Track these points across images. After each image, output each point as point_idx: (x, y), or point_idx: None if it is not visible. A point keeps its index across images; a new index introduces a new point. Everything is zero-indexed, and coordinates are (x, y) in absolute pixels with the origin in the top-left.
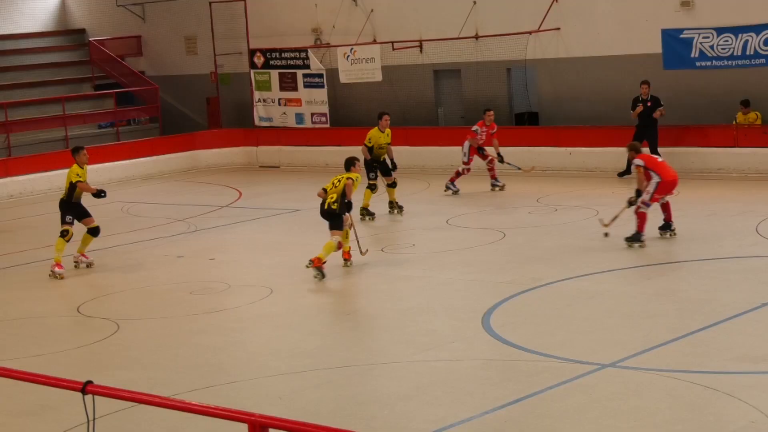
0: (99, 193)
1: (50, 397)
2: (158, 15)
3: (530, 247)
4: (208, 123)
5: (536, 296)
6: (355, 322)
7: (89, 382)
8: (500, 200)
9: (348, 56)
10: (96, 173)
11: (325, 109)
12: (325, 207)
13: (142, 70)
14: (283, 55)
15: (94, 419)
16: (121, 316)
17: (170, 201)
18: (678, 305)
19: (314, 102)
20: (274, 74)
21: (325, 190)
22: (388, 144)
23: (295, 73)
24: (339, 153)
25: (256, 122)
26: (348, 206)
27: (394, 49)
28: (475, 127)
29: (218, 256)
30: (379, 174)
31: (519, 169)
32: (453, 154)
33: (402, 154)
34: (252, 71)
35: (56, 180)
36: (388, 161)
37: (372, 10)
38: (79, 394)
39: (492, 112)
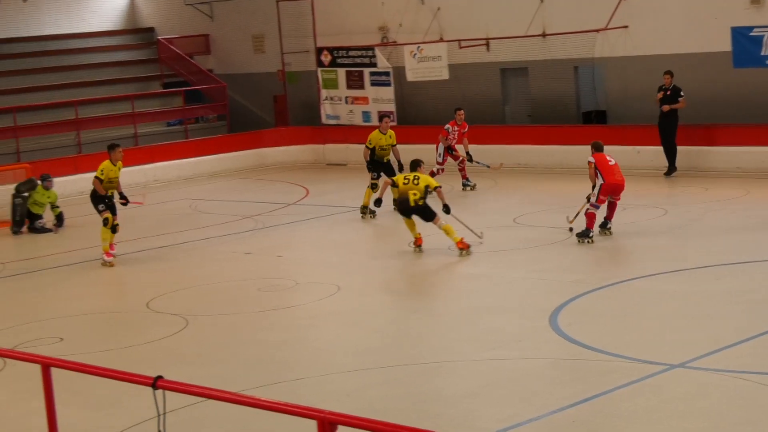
0: (103, 198)
1: (120, 391)
2: (226, 13)
3: (598, 246)
4: (275, 121)
5: (604, 295)
6: (422, 320)
7: (159, 377)
8: (564, 199)
9: (415, 54)
10: (164, 170)
11: (392, 107)
12: (412, 204)
13: (210, 68)
14: (350, 53)
15: (164, 413)
16: (189, 312)
17: (238, 198)
18: (747, 306)
19: (381, 100)
20: (341, 72)
21: (393, 182)
22: (393, 146)
23: (362, 71)
24: (405, 151)
25: (323, 120)
26: (446, 209)
27: (460, 47)
28: (447, 126)
29: (286, 253)
30: (382, 174)
31: (488, 166)
32: (520, 153)
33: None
34: (319, 69)
35: (125, 177)
36: (394, 162)
37: (439, 8)
38: (149, 389)
39: (462, 111)
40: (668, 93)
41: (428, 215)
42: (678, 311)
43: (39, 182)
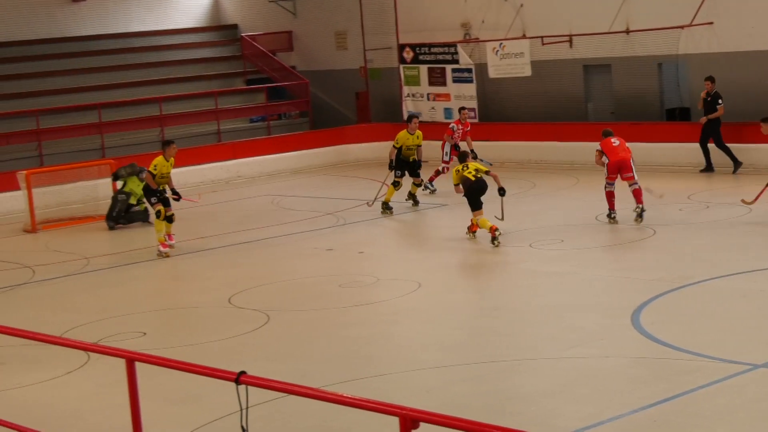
0: (155, 192)
1: (202, 385)
2: (309, 10)
3: (681, 244)
4: (357, 117)
5: (687, 294)
6: (503, 318)
7: (243, 373)
8: (647, 197)
9: (497, 51)
10: (247, 167)
11: (474, 104)
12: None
13: (293, 65)
14: (432, 50)
15: (247, 408)
16: (271, 307)
17: (319, 194)
18: None
19: (463, 97)
20: (423, 69)
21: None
22: (419, 146)
23: (444, 68)
24: (487, 148)
25: (405, 117)
26: (502, 191)
27: (543, 44)
28: (452, 125)
29: (367, 249)
30: (407, 173)
31: (491, 165)
32: None
33: (550, 149)
34: (401, 66)
35: (208, 173)
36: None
37: (522, 5)
38: (231, 384)
39: (467, 111)
40: (708, 99)
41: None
42: (762, 310)
43: (138, 172)
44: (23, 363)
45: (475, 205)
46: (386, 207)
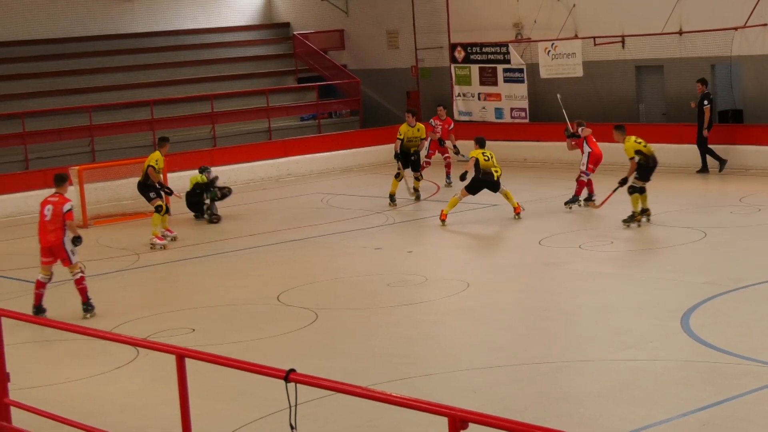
0: (154, 187)
1: (250, 382)
2: (361, 9)
3: (732, 247)
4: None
5: (738, 298)
6: (552, 319)
7: (292, 371)
8: (701, 199)
9: (549, 51)
10: (297, 165)
11: (525, 104)
12: (495, 179)
13: (344, 63)
14: (483, 49)
15: (296, 406)
16: (319, 305)
17: (369, 193)
18: None
19: (514, 97)
20: (475, 69)
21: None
22: (423, 138)
23: (496, 67)
24: (538, 148)
25: (456, 116)
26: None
27: (595, 45)
28: (431, 121)
29: (415, 248)
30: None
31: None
32: (655, 151)
33: (603, 150)
34: (452, 65)
35: (259, 170)
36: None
37: (574, 5)
38: (278, 381)
39: (443, 108)
40: (698, 102)
41: (497, 187)
42: None
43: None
44: (73, 357)
45: (473, 192)
46: (391, 199)
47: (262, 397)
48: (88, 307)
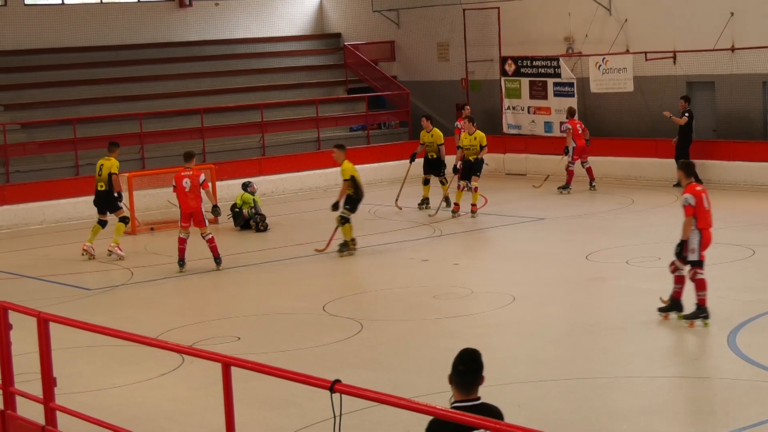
0: (120, 196)
1: (294, 392)
2: (412, 21)
3: None
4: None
5: None
6: (598, 334)
7: (337, 381)
8: (748, 217)
9: (600, 66)
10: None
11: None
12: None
13: (394, 74)
14: (534, 63)
15: (340, 416)
16: (365, 316)
17: (417, 205)
18: None
19: (564, 111)
20: (525, 82)
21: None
22: (440, 145)
23: (546, 81)
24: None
25: (505, 129)
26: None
27: (647, 60)
28: (456, 123)
29: (462, 261)
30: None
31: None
32: (703, 168)
33: (652, 166)
34: (502, 78)
35: (308, 180)
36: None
37: (626, 20)
38: (323, 391)
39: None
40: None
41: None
42: None
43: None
44: (119, 363)
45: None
46: (424, 203)
47: (306, 407)
48: (218, 260)
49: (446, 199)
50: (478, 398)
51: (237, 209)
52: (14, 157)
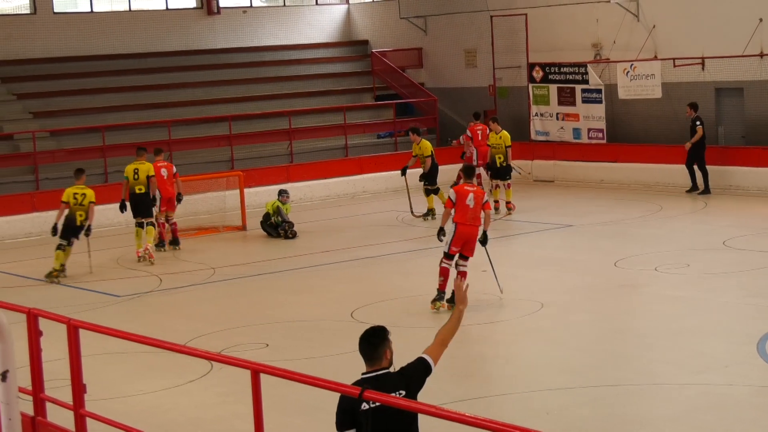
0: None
1: (322, 398)
2: (440, 28)
3: None
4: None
5: None
6: (626, 341)
7: (366, 388)
8: None
9: (628, 72)
10: (373, 182)
11: (603, 124)
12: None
13: (421, 81)
14: (562, 69)
15: (367, 423)
16: (392, 323)
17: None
18: None
19: (592, 117)
20: (553, 88)
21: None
22: (426, 156)
23: (574, 87)
24: (615, 169)
25: (533, 136)
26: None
27: (675, 66)
28: (467, 132)
29: (490, 268)
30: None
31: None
32: (732, 174)
33: (680, 172)
34: (530, 85)
35: (335, 187)
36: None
37: (654, 26)
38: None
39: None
40: (690, 125)
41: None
42: None
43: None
44: (148, 370)
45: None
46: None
47: (333, 413)
48: (177, 241)
49: (430, 211)
50: (385, 368)
51: (271, 219)
52: (43, 164)
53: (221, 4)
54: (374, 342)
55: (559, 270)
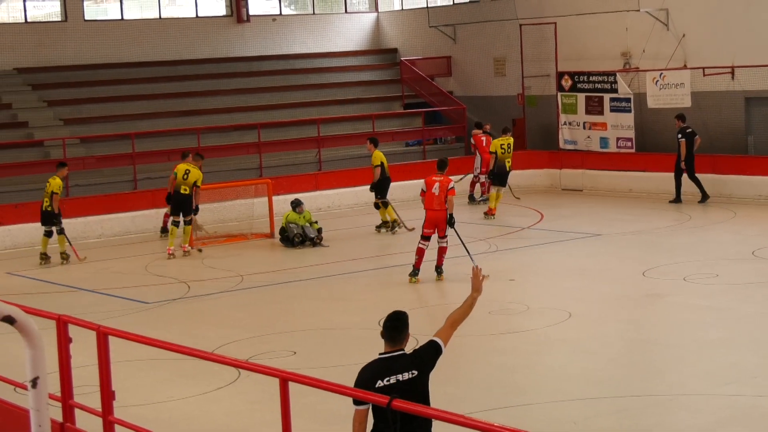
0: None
1: (350, 406)
2: (469, 37)
3: None
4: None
5: None
6: (654, 352)
7: (395, 397)
8: None
9: (657, 81)
10: (402, 190)
11: (631, 134)
12: (508, 170)
13: (450, 90)
14: (590, 78)
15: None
16: (420, 332)
17: (471, 220)
18: None
19: (620, 126)
20: (581, 97)
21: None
22: (374, 165)
23: (602, 96)
24: (644, 179)
25: (561, 145)
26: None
27: (704, 75)
28: (471, 140)
29: (518, 277)
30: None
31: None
32: (762, 184)
33: (707, 182)
34: (559, 94)
35: (363, 195)
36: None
37: (684, 35)
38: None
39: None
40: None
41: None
42: None
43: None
44: (177, 377)
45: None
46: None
47: None
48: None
49: (385, 224)
50: (401, 349)
51: (293, 231)
52: (73, 171)
53: (251, 12)
54: (399, 326)
55: (587, 279)
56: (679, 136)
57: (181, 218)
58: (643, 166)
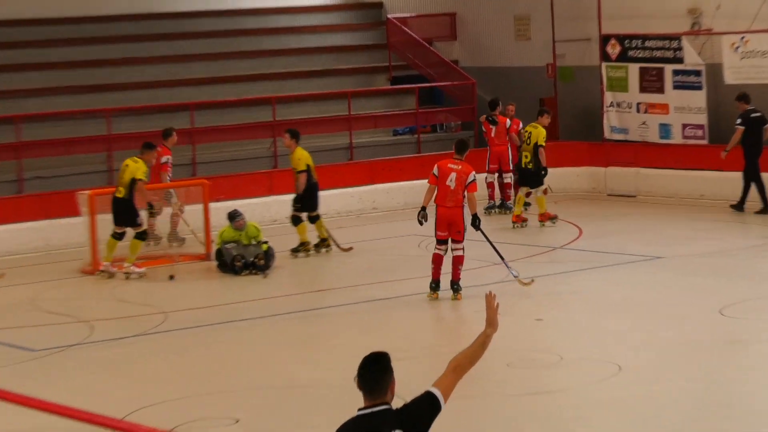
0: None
1: None
2: None
3: None
4: None
5: None
6: (735, 419)
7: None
8: None
9: (737, 47)
10: (386, 195)
11: (703, 119)
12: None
13: (455, 59)
14: (646, 43)
15: None
16: (415, 390)
17: (483, 238)
18: None
19: (687, 109)
20: (633, 69)
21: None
22: (297, 171)
23: (663, 68)
24: (720, 181)
25: (606, 134)
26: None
27: None
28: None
29: (547, 314)
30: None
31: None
32: None
33: None
34: (603, 65)
35: (335, 202)
36: None
37: None
38: None
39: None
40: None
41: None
42: None
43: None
44: None
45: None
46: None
47: None
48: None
49: (323, 241)
50: (385, 403)
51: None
52: None
53: None
54: (375, 372)
55: (642, 319)
56: (739, 122)
57: (126, 230)
58: (719, 164)
